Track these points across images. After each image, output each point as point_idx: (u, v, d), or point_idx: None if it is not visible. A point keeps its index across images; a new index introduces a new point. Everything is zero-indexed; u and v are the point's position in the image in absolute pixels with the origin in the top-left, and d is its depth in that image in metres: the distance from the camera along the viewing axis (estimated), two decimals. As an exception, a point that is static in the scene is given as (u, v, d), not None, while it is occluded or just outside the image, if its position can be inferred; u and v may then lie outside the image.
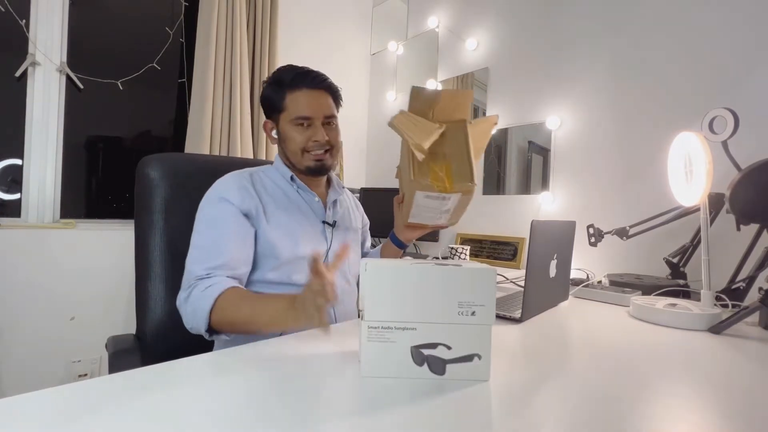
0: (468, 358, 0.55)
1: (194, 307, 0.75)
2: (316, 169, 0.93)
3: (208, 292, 0.74)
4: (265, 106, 0.96)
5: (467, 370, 0.55)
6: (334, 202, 1.01)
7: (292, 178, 0.95)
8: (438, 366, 0.55)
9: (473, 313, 0.54)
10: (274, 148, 2.05)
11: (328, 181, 1.04)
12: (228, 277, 0.80)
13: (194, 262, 0.80)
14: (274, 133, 0.97)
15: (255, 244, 0.87)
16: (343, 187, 1.09)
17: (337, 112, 0.97)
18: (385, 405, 0.47)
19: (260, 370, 0.56)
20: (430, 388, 0.52)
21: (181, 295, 0.79)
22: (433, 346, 0.55)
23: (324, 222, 0.96)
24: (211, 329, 0.75)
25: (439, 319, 0.54)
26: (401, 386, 0.52)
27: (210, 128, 1.84)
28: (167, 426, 0.41)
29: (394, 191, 1.04)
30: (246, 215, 0.86)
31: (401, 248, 1.06)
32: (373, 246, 1.23)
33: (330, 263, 0.86)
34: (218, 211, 0.84)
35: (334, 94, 0.96)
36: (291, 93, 0.91)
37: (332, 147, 0.94)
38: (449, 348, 0.54)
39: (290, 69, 0.93)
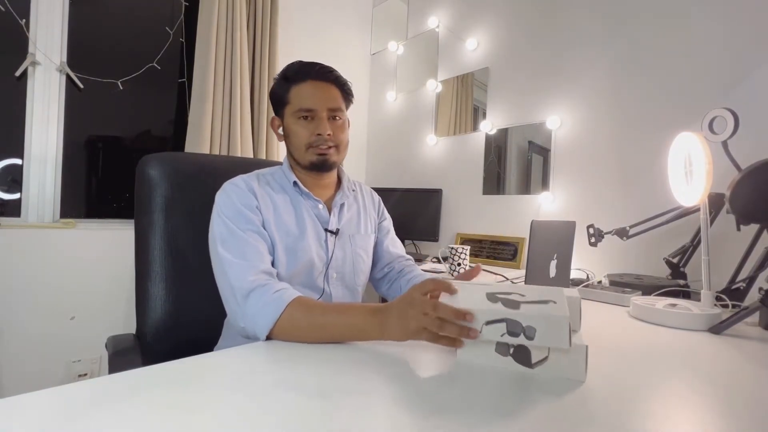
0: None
1: (258, 309, 0.69)
2: (319, 164, 0.88)
3: (279, 295, 0.70)
4: (273, 102, 0.93)
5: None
6: (341, 207, 0.95)
7: (295, 183, 0.90)
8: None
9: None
10: (274, 147, 2.07)
11: (339, 182, 0.98)
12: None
13: (239, 275, 0.74)
14: (280, 130, 0.93)
15: None
16: (355, 189, 1.03)
17: (346, 108, 0.93)
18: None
19: (261, 370, 0.56)
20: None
21: (237, 307, 0.73)
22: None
23: (326, 230, 0.91)
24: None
25: None
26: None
27: (210, 128, 1.84)
28: (167, 426, 0.40)
29: (394, 191, 1.02)
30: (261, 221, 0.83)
31: None
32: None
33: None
34: (242, 222, 0.80)
35: (342, 87, 0.91)
36: (296, 85, 0.88)
37: (338, 144, 0.89)
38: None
39: (297, 63, 0.90)
